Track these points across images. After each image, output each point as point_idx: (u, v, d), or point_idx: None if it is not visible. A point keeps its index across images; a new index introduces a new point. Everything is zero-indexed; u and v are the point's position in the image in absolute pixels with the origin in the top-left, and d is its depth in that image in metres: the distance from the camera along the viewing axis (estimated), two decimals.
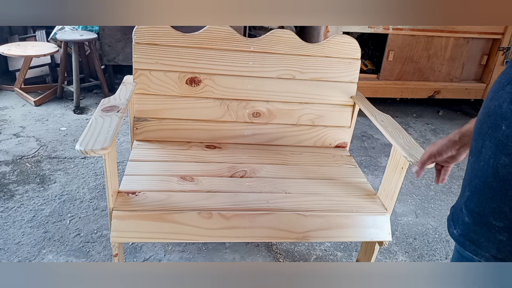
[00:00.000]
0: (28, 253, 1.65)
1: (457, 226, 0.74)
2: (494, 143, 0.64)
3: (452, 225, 0.76)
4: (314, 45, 1.72)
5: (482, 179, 0.67)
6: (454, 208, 0.78)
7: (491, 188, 0.65)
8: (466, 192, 0.72)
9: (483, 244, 0.68)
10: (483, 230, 0.68)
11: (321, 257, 1.77)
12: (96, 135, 1.13)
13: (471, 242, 0.70)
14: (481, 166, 0.67)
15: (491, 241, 0.67)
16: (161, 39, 1.61)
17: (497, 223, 0.65)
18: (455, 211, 0.77)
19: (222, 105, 1.71)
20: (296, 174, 1.57)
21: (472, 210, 0.70)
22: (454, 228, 0.75)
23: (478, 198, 0.68)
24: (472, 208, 0.70)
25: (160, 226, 1.27)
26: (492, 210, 0.65)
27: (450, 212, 0.79)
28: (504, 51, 3.20)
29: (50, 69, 3.42)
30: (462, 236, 0.72)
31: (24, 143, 2.50)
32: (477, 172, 0.68)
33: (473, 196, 0.70)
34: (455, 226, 0.75)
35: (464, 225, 0.72)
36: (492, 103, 0.66)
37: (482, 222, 0.68)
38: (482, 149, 0.67)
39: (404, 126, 3.16)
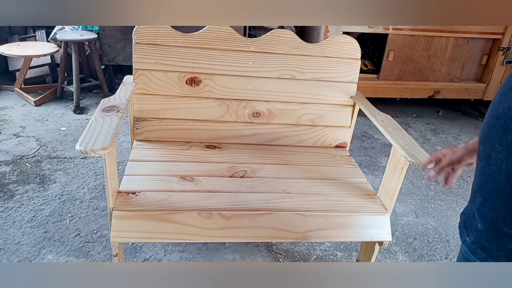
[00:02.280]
0: (28, 253, 1.65)
1: (470, 233, 0.71)
2: (506, 146, 0.62)
3: (465, 232, 0.73)
4: (314, 45, 1.72)
5: (494, 184, 0.65)
6: (465, 214, 0.76)
7: (504, 193, 0.63)
8: (478, 197, 0.70)
9: (493, 253, 0.66)
10: (494, 237, 0.66)
11: (321, 257, 1.77)
12: (96, 135, 1.13)
13: (482, 249, 0.68)
14: (493, 171, 0.65)
15: (502, 249, 0.65)
16: (161, 39, 1.61)
17: (508, 230, 0.63)
18: (467, 218, 0.74)
19: (222, 105, 1.71)
20: (296, 174, 1.57)
21: (485, 216, 0.68)
22: (467, 236, 0.72)
23: (492, 204, 0.66)
24: (485, 214, 0.68)
25: (160, 226, 1.27)
26: (505, 216, 0.63)
27: (462, 219, 0.76)
28: (504, 51, 3.20)
29: (50, 69, 3.42)
30: (474, 243, 0.70)
31: (24, 143, 2.50)
32: (488, 177, 0.66)
33: (486, 202, 0.67)
34: (468, 233, 0.72)
35: (477, 232, 0.69)
36: (500, 106, 0.64)
37: (494, 229, 0.66)
38: (492, 153, 0.65)
39: (404, 126, 3.16)
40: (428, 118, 3.51)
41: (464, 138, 3.15)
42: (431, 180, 0.94)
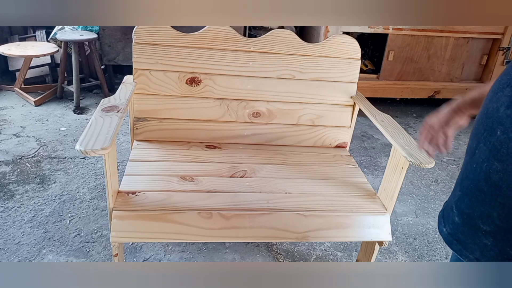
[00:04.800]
0: (28, 253, 1.65)
1: (446, 225, 0.75)
2: (488, 147, 0.63)
3: (442, 222, 0.76)
4: (314, 45, 1.72)
5: (473, 182, 0.67)
6: (445, 205, 0.78)
7: (481, 192, 0.65)
8: (457, 191, 0.72)
9: (468, 246, 0.69)
10: (470, 232, 0.68)
11: (321, 257, 1.77)
12: (96, 135, 1.13)
13: (458, 242, 0.71)
14: (474, 168, 0.67)
15: (477, 243, 0.67)
16: (161, 39, 1.61)
17: (484, 227, 0.65)
18: (446, 208, 0.77)
19: (222, 105, 1.71)
20: (296, 174, 1.57)
21: (462, 211, 0.70)
22: (444, 226, 0.75)
23: (469, 200, 0.68)
24: (462, 209, 0.70)
25: (160, 226, 1.27)
26: (481, 214, 0.65)
27: (442, 208, 0.79)
28: (504, 51, 3.20)
29: (50, 69, 3.42)
30: (450, 235, 0.73)
31: (24, 143, 2.50)
32: (469, 174, 0.68)
33: (465, 197, 0.70)
34: (445, 224, 0.75)
35: (453, 224, 0.72)
36: (491, 105, 0.65)
37: (470, 224, 0.68)
38: (476, 150, 0.66)
39: (404, 126, 3.16)
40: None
41: (464, 138, 3.15)
42: (433, 155, 0.95)
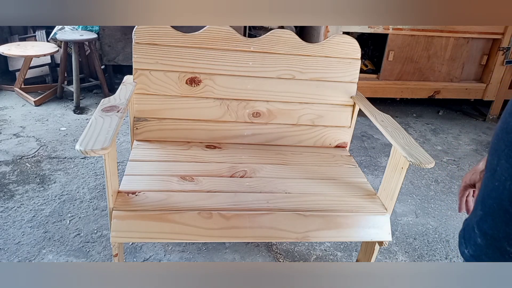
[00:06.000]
0: (28, 253, 1.65)
1: (468, 246, 0.71)
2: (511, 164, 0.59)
3: (464, 243, 0.72)
4: (314, 45, 1.72)
5: (496, 201, 0.63)
6: (466, 224, 0.75)
7: (506, 212, 0.61)
8: (479, 210, 0.68)
9: None
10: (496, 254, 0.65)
11: (321, 257, 1.77)
12: (96, 135, 1.13)
13: None
14: (496, 186, 0.63)
15: None
16: (161, 39, 1.61)
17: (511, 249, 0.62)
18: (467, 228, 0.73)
19: (222, 105, 1.71)
20: (296, 174, 1.57)
21: (485, 232, 0.66)
22: (466, 248, 0.71)
23: (493, 220, 0.64)
24: (485, 230, 0.66)
25: (160, 226, 1.27)
26: (507, 236, 0.62)
27: (462, 227, 0.76)
28: (504, 51, 3.20)
29: (50, 69, 3.42)
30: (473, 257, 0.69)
31: (24, 143, 2.50)
32: (491, 192, 0.64)
33: (487, 217, 0.66)
34: (466, 245, 0.71)
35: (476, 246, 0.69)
36: (511, 119, 0.61)
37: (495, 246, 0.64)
38: (497, 168, 0.63)
39: (404, 126, 3.16)
40: (428, 118, 3.51)
41: (464, 138, 3.15)
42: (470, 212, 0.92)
